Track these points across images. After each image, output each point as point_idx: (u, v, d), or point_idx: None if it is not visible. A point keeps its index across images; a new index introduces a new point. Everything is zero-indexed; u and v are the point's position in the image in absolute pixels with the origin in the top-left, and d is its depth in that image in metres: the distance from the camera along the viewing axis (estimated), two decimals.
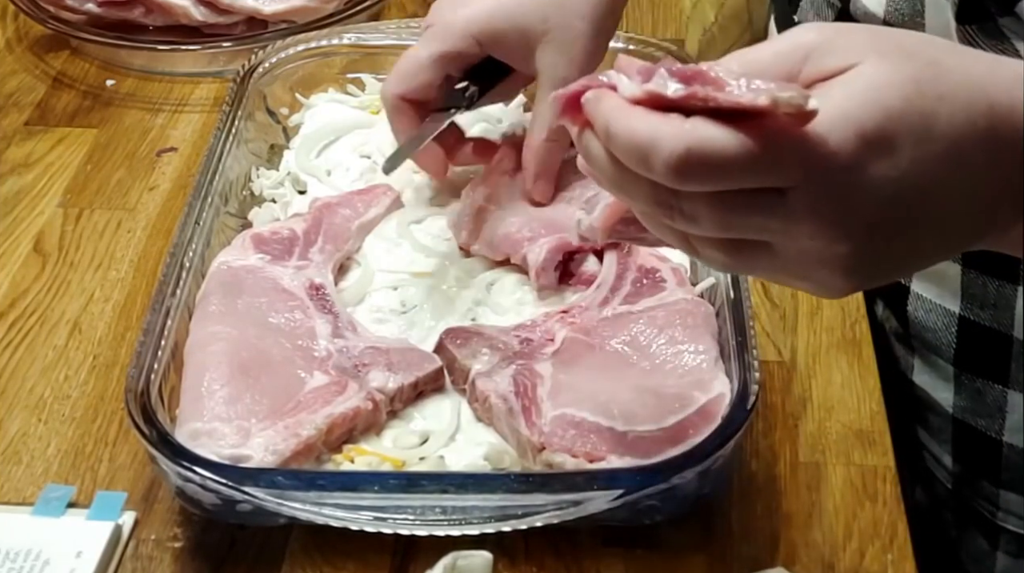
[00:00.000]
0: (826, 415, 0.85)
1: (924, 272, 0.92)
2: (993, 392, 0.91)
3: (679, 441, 0.75)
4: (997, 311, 0.89)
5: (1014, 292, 0.88)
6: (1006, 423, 0.91)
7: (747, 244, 0.58)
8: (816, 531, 0.77)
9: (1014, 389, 0.90)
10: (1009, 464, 0.92)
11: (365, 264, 0.91)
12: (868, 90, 0.55)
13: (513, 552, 0.75)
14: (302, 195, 0.97)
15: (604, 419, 0.76)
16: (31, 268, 0.98)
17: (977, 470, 0.94)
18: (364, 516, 0.70)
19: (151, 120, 1.13)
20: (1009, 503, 0.94)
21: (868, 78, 0.55)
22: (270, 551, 0.76)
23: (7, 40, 1.26)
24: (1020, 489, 0.93)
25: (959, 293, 0.90)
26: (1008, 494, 0.94)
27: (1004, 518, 0.95)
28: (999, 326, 0.89)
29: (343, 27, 1.11)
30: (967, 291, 0.90)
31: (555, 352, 0.81)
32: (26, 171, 1.08)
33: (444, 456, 0.77)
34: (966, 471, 0.95)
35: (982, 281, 0.89)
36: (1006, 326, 0.89)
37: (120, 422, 0.84)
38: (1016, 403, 0.90)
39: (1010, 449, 0.92)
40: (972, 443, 0.94)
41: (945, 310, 0.92)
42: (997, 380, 0.91)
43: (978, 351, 0.91)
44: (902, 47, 0.57)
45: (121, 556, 0.76)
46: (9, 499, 0.80)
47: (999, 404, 0.91)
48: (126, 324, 0.92)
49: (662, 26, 1.25)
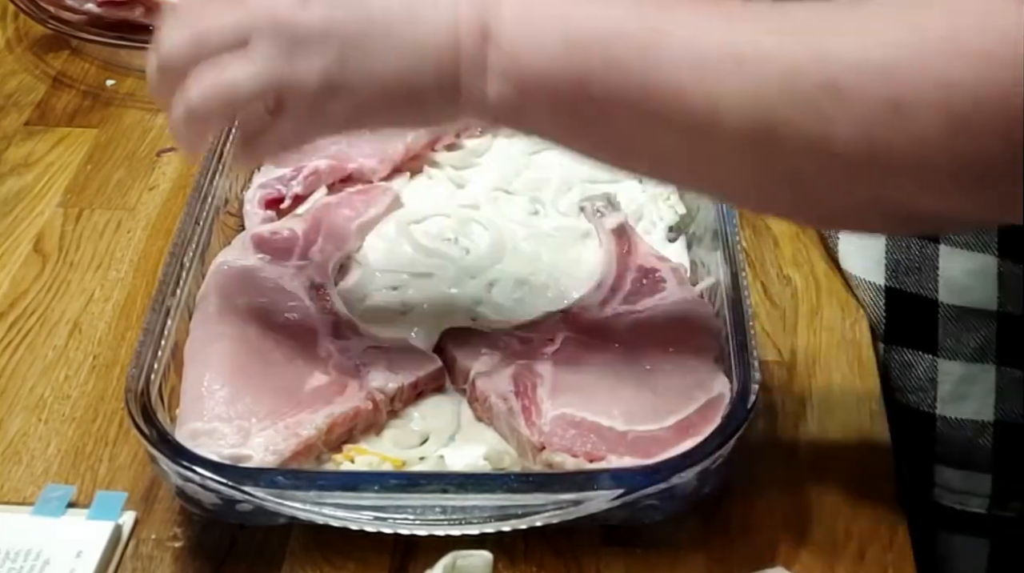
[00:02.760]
0: (826, 415, 0.85)
1: (849, 241, 0.93)
2: (923, 363, 0.91)
3: (679, 441, 0.75)
4: (921, 275, 0.89)
5: (936, 252, 0.88)
6: (938, 394, 0.91)
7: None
8: (816, 531, 0.77)
9: (944, 357, 0.90)
10: (943, 438, 0.92)
11: (365, 264, 0.91)
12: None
13: (513, 552, 0.75)
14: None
15: (604, 419, 0.76)
16: (31, 268, 0.98)
17: (911, 448, 0.94)
18: (364, 516, 0.70)
19: (151, 120, 1.13)
20: (945, 478, 0.93)
21: None
22: (270, 551, 0.76)
23: (7, 40, 1.25)
24: (954, 462, 0.92)
25: (883, 261, 0.90)
26: (943, 469, 0.93)
27: (940, 494, 0.94)
28: (923, 292, 0.89)
29: None
30: (891, 257, 0.90)
31: (555, 352, 0.81)
32: (26, 171, 1.08)
33: (444, 456, 0.78)
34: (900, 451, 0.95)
35: (905, 243, 0.89)
36: (930, 291, 0.88)
37: (120, 422, 0.84)
38: (947, 371, 0.90)
39: (943, 422, 0.91)
40: (904, 421, 0.92)
41: (872, 285, 0.91)
42: (926, 350, 0.90)
43: (905, 322, 0.91)
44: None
45: (121, 556, 0.76)
46: (9, 499, 0.80)
47: (930, 375, 0.91)
48: (126, 324, 0.92)
49: None
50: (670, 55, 0.65)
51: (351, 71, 0.69)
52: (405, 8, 0.69)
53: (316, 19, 0.69)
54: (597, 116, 0.68)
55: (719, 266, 0.84)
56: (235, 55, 0.70)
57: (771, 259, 0.97)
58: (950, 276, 0.88)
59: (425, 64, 0.69)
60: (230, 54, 0.70)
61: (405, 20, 0.69)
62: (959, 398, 0.90)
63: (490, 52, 0.68)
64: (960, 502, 0.93)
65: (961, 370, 0.89)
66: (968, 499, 0.93)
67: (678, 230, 0.94)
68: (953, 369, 0.90)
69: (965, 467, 0.92)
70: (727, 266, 0.83)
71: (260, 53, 0.70)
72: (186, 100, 0.72)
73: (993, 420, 0.90)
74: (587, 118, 0.68)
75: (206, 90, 0.71)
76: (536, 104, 0.69)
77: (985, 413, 0.90)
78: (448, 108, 0.71)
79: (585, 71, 0.67)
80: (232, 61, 0.70)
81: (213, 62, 0.71)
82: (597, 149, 0.72)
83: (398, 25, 0.69)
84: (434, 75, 0.69)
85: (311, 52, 0.69)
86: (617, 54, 0.66)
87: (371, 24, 0.69)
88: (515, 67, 0.68)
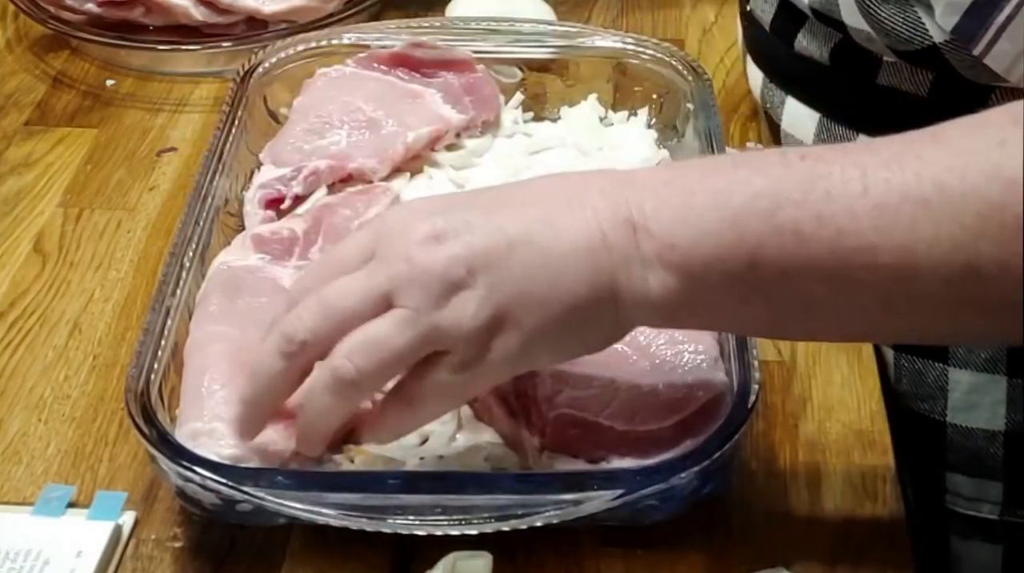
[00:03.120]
0: (826, 415, 0.85)
1: None
2: (934, 371, 0.91)
3: (679, 441, 0.75)
4: None
5: None
6: (948, 403, 0.91)
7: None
8: (816, 531, 0.77)
9: (955, 366, 0.90)
10: (954, 445, 0.92)
11: None
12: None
13: (513, 552, 0.75)
14: None
15: (604, 419, 0.76)
16: (31, 268, 0.98)
17: (922, 456, 0.94)
18: (364, 516, 0.70)
19: (151, 120, 1.13)
20: (956, 485, 0.94)
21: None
22: (270, 551, 0.76)
23: (7, 40, 1.26)
24: (966, 469, 0.93)
25: None
26: (955, 476, 0.93)
27: (952, 501, 0.94)
28: None
29: (343, 27, 1.11)
30: None
31: None
32: (26, 171, 1.08)
33: (444, 456, 0.77)
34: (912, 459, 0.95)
35: None
36: None
37: (120, 422, 0.84)
38: (958, 380, 0.90)
39: (954, 429, 0.91)
40: (916, 429, 0.93)
41: None
42: (937, 359, 0.90)
43: None
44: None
45: (121, 556, 0.76)
46: (9, 499, 0.80)
47: (940, 384, 0.90)
48: (126, 324, 0.92)
49: (662, 26, 1.25)
50: (845, 212, 0.62)
51: (506, 298, 0.65)
52: (540, 222, 0.66)
53: (456, 254, 0.65)
54: (773, 286, 0.64)
55: None
56: (382, 318, 0.66)
57: None
58: None
59: (579, 271, 0.65)
60: (376, 319, 0.66)
61: (545, 233, 0.65)
62: (969, 407, 0.90)
63: (642, 243, 0.65)
64: (972, 508, 0.93)
65: (971, 379, 0.89)
66: (980, 505, 0.93)
67: None
68: (963, 378, 0.90)
69: (976, 474, 0.92)
70: None
71: (408, 306, 0.65)
72: (336, 373, 0.67)
73: (1004, 430, 0.90)
74: (762, 290, 0.65)
75: (359, 358, 0.66)
76: (704, 286, 0.65)
77: (996, 423, 0.90)
78: (607, 322, 0.67)
79: (756, 243, 0.63)
80: (380, 323, 0.66)
81: (361, 329, 0.66)
82: (774, 320, 0.68)
83: (540, 239, 0.65)
84: (588, 284, 0.65)
85: (460, 289, 0.65)
86: (786, 220, 0.63)
87: (512, 247, 0.65)
88: (674, 254, 0.64)
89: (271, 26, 1.21)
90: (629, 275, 0.65)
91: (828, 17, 0.89)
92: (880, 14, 0.84)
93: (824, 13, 0.89)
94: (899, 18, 0.84)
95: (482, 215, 0.67)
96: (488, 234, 0.66)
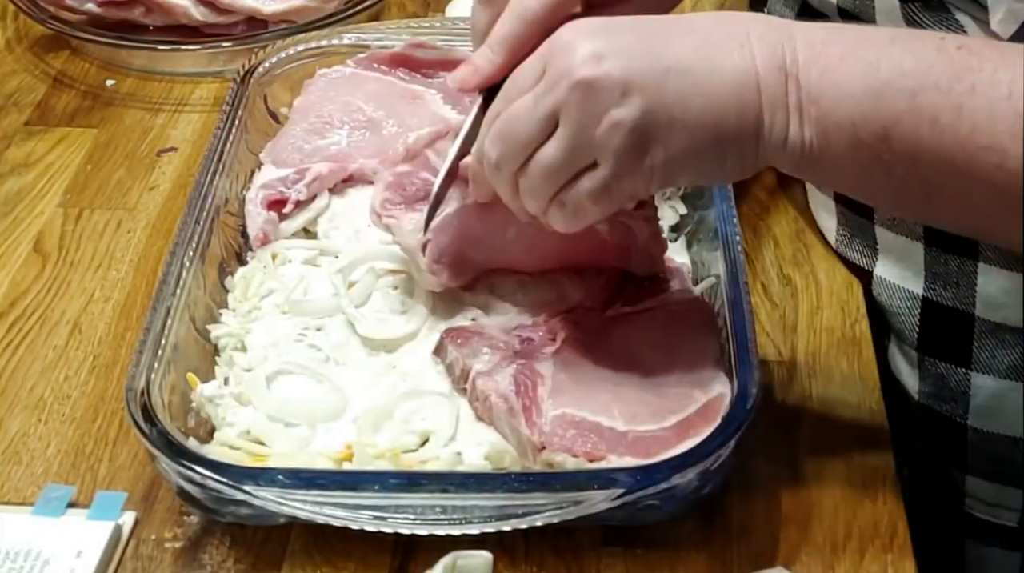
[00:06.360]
0: (826, 415, 0.85)
1: (888, 252, 0.93)
2: (956, 375, 0.91)
3: (679, 441, 0.75)
4: (959, 290, 0.89)
5: (975, 269, 0.87)
6: (970, 406, 0.91)
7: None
8: (816, 531, 0.77)
9: (977, 371, 0.90)
10: (974, 449, 0.92)
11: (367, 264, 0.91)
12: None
13: (513, 552, 0.75)
14: None
15: (604, 419, 0.76)
16: (31, 268, 0.98)
17: (943, 457, 0.94)
18: (364, 516, 0.70)
19: (151, 120, 1.13)
20: (976, 490, 0.94)
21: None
22: (270, 551, 0.76)
23: (7, 40, 1.26)
24: (986, 474, 0.93)
25: (922, 273, 0.90)
26: (974, 480, 0.93)
27: (971, 505, 0.94)
28: (961, 305, 0.89)
29: (343, 27, 1.11)
30: (930, 270, 0.90)
31: (556, 351, 0.81)
32: (26, 171, 1.08)
33: (444, 456, 0.77)
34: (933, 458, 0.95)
35: (944, 258, 0.89)
36: (968, 305, 0.88)
37: (120, 422, 0.84)
38: (980, 385, 0.90)
39: (975, 433, 0.91)
40: (937, 430, 0.93)
41: (908, 293, 0.91)
42: (960, 363, 0.91)
43: (941, 334, 0.91)
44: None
45: (121, 556, 0.76)
46: (9, 499, 0.80)
47: (962, 388, 0.91)
48: (126, 324, 0.92)
49: None
50: (985, 111, 0.64)
51: (657, 121, 0.68)
52: (699, 55, 0.69)
53: (615, 73, 0.68)
54: (899, 164, 0.67)
55: (719, 266, 0.84)
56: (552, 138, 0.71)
57: (771, 259, 0.97)
58: (988, 292, 0.88)
59: (728, 106, 0.68)
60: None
61: (702, 66, 0.69)
62: (991, 412, 0.90)
63: (791, 93, 0.68)
64: (991, 514, 0.94)
65: (994, 385, 0.90)
66: (999, 512, 0.93)
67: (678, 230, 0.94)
68: (986, 383, 0.90)
69: (996, 480, 0.92)
70: (727, 266, 0.83)
71: (569, 123, 0.69)
72: (528, 184, 0.73)
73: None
74: (887, 166, 0.67)
75: (533, 180, 0.72)
76: (836, 148, 0.68)
77: (1016, 429, 0.90)
78: (748, 156, 0.70)
79: (892, 119, 0.66)
80: (548, 144, 0.71)
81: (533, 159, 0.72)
82: (894, 196, 0.71)
83: (697, 72, 0.69)
84: (736, 118, 0.69)
85: (617, 107, 0.68)
86: (926, 104, 0.65)
87: (669, 74, 0.68)
88: (814, 108, 0.68)
89: (271, 26, 1.21)
90: (773, 118, 0.69)
91: (858, 19, 0.89)
92: (923, 21, 0.84)
93: (855, 14, 0.89)
94: (941, 27, 0.83)
95: (642, 41, 0.70)
96: (645, 58, 0.69)
